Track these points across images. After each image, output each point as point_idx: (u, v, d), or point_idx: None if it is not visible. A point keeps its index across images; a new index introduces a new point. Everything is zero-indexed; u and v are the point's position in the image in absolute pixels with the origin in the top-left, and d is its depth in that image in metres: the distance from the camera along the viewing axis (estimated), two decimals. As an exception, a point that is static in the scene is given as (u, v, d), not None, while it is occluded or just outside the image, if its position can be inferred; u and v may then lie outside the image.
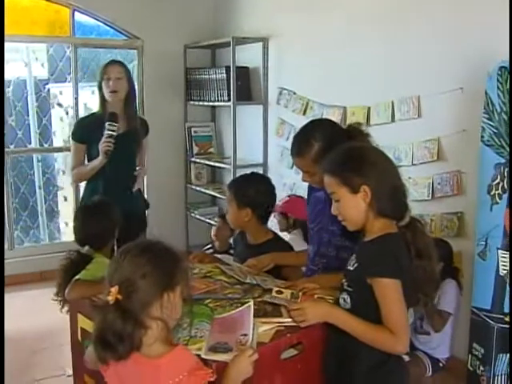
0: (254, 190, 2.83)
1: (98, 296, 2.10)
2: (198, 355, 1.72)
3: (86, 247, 2.64)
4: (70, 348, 2.46)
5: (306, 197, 2.74)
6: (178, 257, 1.68)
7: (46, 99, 5.91)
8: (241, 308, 2.11)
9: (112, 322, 1.55)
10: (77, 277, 2.44)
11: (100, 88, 3.52)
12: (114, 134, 3.40)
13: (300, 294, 2.22)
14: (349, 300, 1.90)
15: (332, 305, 1.96)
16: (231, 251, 3.80)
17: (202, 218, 5.73)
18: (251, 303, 2.07)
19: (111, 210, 2.79)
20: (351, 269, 1.92)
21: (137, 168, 3.71)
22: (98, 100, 3.57)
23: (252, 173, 3.15)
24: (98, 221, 2.68)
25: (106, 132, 3.39)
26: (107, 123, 3.39)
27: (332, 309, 1.93)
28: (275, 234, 3.03)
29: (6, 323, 2.74)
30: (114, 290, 1.56)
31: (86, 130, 3.56)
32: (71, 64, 5.42)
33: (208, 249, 4.34)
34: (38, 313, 4.23)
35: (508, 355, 2.87)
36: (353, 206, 1.89)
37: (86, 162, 3.60)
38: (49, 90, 5.90)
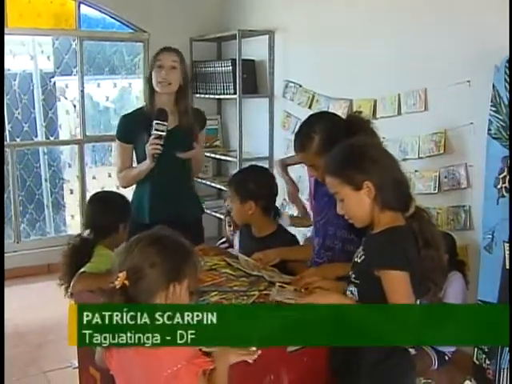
0: (254, 182, 2.84)
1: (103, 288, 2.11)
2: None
3: (87, 231, 2.65)
4: (76, 340, 2.47)
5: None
6: (188, 251, 1.69)
7: (52, 92, 5.91)
8: None
9: None
10: (82, 269, 2.45)
11: (149, 80, 3.11)
12: (163, 134, 3.00)
13: (303, 290, 2.21)
14: (356, 292, 1.89)
15: (340, 295, 1.95)
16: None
17: (208, 211, 5.70)
18: None
19: (115, 204, 2.75)
20: (358, 261, 1.92)
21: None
22: (147, 93, 3.18)
23: (250, 166, 3.16)
24: (99, 210, 2.69)
25: (154, 132, 3.00)
26: (155, 122, 3.01)
27: (340, 299, 1.92)
28: (280, 225, 3.03)
29: (13, 316, 2.75)
30: (122, 275, 1.58)
31: (133, 128, 3.17)
32: (77, 57, 5.42)
33: (222, 243, 4.33)
34: (45, 305, 4.24)
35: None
36: (357, 204, 1.88)
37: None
38: (55, 83, 5.89)
